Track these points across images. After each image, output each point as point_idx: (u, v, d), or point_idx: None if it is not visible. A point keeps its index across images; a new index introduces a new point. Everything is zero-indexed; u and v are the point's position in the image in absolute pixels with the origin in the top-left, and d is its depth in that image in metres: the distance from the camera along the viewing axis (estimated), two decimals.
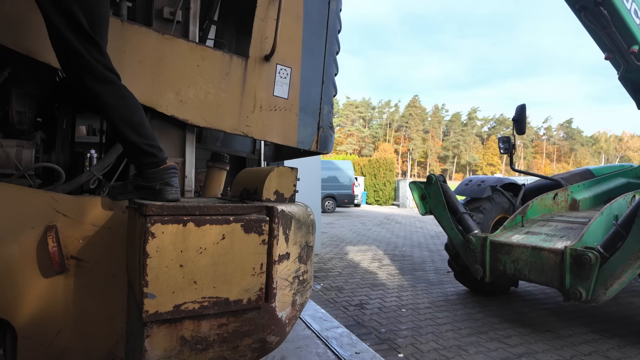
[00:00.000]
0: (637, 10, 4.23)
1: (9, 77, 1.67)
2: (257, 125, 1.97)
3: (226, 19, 2.62)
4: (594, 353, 2.94)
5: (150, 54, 1.71)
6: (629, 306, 4.13)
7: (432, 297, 4.34)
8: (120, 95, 1.41)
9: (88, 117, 4.04)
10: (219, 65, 1.86)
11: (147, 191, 1.42)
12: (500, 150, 4.74)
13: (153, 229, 1.13)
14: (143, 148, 1.41)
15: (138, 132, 1.41)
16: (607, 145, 73.20)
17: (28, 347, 1.41)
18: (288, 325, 1.46)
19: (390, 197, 25.92)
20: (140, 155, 1.43)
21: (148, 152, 1.42)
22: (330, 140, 2.25)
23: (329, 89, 2.21)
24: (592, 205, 4.55)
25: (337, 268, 5.75)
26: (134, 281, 1.26)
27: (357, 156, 46.04)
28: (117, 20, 1.65)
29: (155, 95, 1.72)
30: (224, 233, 1.24)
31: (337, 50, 2.28)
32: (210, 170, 2.31)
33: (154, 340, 1.17)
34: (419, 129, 73.69)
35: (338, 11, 2.25)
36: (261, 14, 1.96)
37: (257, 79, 1.96)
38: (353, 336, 2.89)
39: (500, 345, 3.04)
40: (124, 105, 1.41)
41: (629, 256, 2.62)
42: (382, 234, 10.14)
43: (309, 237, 1.52)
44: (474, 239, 3.57)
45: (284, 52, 2.03)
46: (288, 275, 1.41)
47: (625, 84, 4.90)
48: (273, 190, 1.53)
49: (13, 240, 1.39)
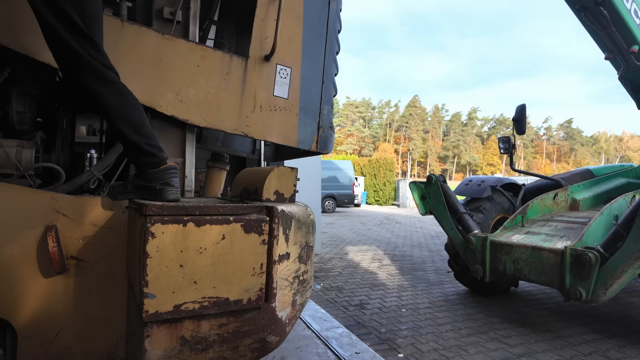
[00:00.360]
0: (637, 10, 4.23)
1: (9, 77, 1.67)
2: (257, 125, 1.97)
3: (226, 19, 2.62)
4: (594, 353, 2.94)
5: (150, 54, 1.71)
6: (629, 306, 4.13)
7: (432, 297, 4.34)
8: (120, 94, 1.40)
9: (88, 117, 4.04)
10: (219, 65, 1.86)
11: (147, 191, 1.42)
12: (500, 150, 4.74)
13: (153, 229, 1.13)
14: (143, 147, 1.41)
15: (138, 131, 1.41)
16: (607, 145, 73.20)
17: (28, 347, 1.41)
18: (288, 325, 1.46)
19: (390, 197, 25.93)
20: (140, 154, 1.43)
21: (148, 151, 1.42)
22: (330, 140, 2.25)
23: (329, 89, 2.21)
24: (592, 205, 4.55)
25: (337, 268, 5.75)
26: (134, 281, 1.26)
27: (357, 156, 46.05)
28: (117, 20, 1.65)
29: (155, 95, 1.71)
30: (224, 233, 1.24)
31: (337, 50, 2.28)
32: (210, 170, 2.31)
33: (154, 340, 1.17)
34: (419, 129, 73.70)
35: (338, 11, 2.25)
36: (261, 14, 1.96)
37: (257, 79, 1.96)
38: (353, 336, 2.89)
39: (500, 345, 3.03)
40: (123, 104, 1.40)
41: (629, 256, 2.62)
42: (382, 234, 10.14)
43: (309, 237, 1.52)
44: (474, 239, 3.57)
45: (284, 52, 2.03)
46: (288, 275, 1.41)
47: (625, 84, 4.90)
48: (273, 190, 1.53)
49: (13, 240, 1.39)
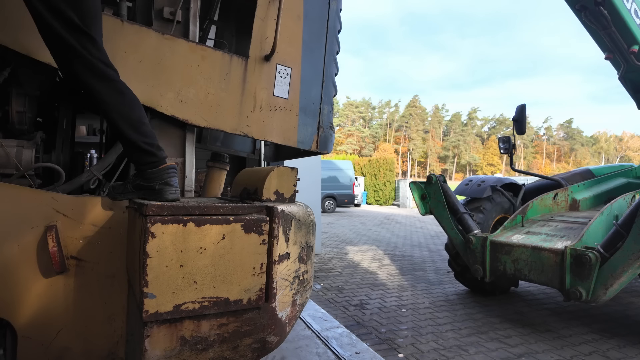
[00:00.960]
0: (637, 10, 4.23)
1: (9, 77, 1.67)
2: (257, 125, 1.97)
3: (226, 19, 2.62)
4: (594, 353, 2.94)
5: (151, 54, 1.70)
6: (629, 306, 4.13)
7: (432, 297, 4.34)
8: (119, 92, 1.39)
9: (88, 117, 4.04)
10: (219, 65, 1.86)
11: (146, 191, 1.42)
12: (501, 150, 4.74)
13: (153, 229, 1.13)
14: (142, 146, 1.40)
15: (137, 129, 1.40)
16: (607, 145, 73.17)
17: (28, 347, 1.41)
18: (288, 325, 1.46)
19: (391, 197, 25.92)
20: (139, 153, 1.42)
21: (147, 150, 1.41)
22: (330, 140, 2.25)
23: (329, 89, 2.22)
24: (592, 205, 4.55)
25: (337, 268, 5.75)
26: (134, 281, 1.26)
27: (357, 156, 46.04)
28: (117, 20, 1.65)
29: (155, 95, 1.71)
30: (224, 233, 1.24)
31: (337, 50, 2.28)
32: (210, 170, 2.31)
33: (154, 340, 1.17)
34: (419, 129, 73.69)
35: (338, 11, 2.25)
36: (261, 14, 1.96)
37: (257, 79, 1.96)
38: (353, 336, 2.89)
39: (500, 345, 3.03)
40: (122, 102, 1.39)
41: (629, 256, 2.62)
42: (382, 234, 10.14)
43: (309, 237, 1.52)
44: (474, 239, 3.57)
45: (284, 52, 2.03)
46: (288, 275, 1.41)
47: (625, 84, 4.90)
48: (273, 190, 1.53)
49: (13, 240, 1.38)
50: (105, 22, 1.50)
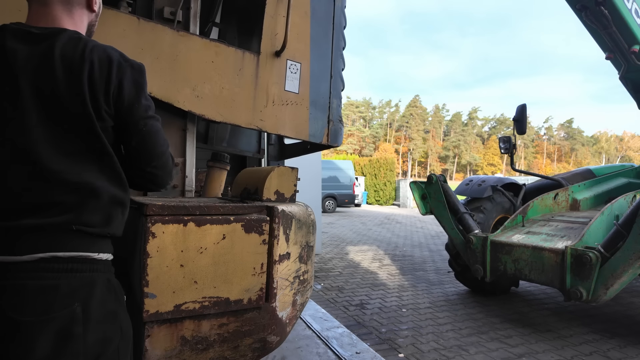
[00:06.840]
0: (638, 10, 4.23)
1: None
2: (271, 119, 2.00)
3: (228, 21, 2.63)
4: (595, 353, 2.94)
5: (167, 51, 1.73)
6: (629, 306, 4.13)
7: (432, 297, 4.34)
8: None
9: None
10: (232, 61, 1.89)
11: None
12: (501, 150, 4.74)
13: (153, 228, 1.13)
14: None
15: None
16: (607, 145, 73.08)
17: None
18: (288, 325, 1.46)
19: (391, 197, 25.92)
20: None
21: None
22: (340, 133, 2.28)
23: (337, 83, 2.26)
24: (593, 205, 4.55)
25: (338, 268, 5.75)
26: (134, 281, 1.26)
27: (357, 156, 46.06)
28: (134, 18, 1.66)
29: (172, 91, 1.74)
30: (224, 233, 1.25)
31: (343, 46, 2.33)
32: (210, 170, 2.31)
33: (155, 340, 1.17)
34: (419, 129, 73.66)
35: (343, 7, 2.29)
36: (271, 11, 1.99)
37: (268, 74, 1.99)
38: (353, 336, 2.89)
39: (500, 345, 3.03)
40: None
41: (629, 256, 2.61)
42: (382, 233, 10.13)
43: (310, 237, 1.52)
44: (475, 238, 3.56)
45: (294, 48, 2.06)
46: (288, 275, 1.41)
47: (626, 83, 4.90)
48: (273, 190, 1.53)
49: None
50: (121, 20, 1.51)
